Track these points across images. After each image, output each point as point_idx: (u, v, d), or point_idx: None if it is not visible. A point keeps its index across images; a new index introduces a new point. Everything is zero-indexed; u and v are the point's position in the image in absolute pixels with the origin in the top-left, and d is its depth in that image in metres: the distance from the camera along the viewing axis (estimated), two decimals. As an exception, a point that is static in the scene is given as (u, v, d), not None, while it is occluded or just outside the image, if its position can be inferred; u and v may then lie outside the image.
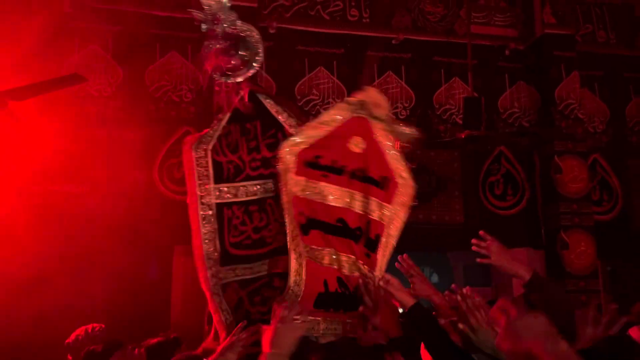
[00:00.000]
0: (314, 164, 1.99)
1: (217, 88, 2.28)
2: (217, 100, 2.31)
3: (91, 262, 3.69)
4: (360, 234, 1.99)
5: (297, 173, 1.98)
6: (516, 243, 4.60)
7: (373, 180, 2.02)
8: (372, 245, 1.98)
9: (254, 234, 2.15)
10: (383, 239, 1.99)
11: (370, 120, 2.05)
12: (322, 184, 1.99)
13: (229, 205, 2.16)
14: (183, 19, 4.26)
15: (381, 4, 4.70)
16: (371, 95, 2.05)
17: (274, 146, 2.07)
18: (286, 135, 2.10)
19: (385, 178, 2.01)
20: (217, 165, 2.17)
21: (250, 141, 2.17)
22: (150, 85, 4.19)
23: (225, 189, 2.17)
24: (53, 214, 3.57)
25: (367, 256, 1.97)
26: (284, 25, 4.48)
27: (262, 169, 2.15)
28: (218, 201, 2.15)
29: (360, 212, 2.01)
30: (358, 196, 2.02)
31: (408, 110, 4.63)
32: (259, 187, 2.15)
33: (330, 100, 4.53)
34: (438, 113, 4.70)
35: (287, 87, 4.46)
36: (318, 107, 4.46)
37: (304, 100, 4.49)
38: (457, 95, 4.71)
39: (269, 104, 2.27)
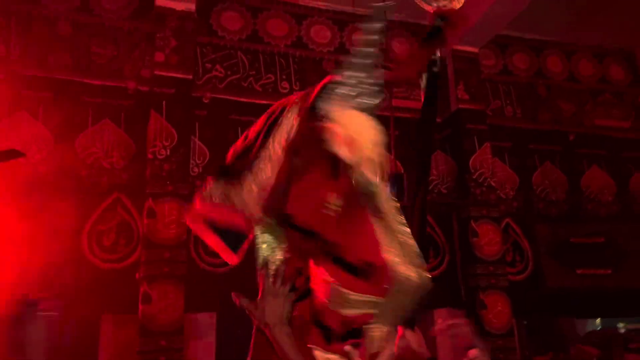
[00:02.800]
0: (290, 224, 1.56)
1: None
2: None
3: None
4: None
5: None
6: (438, 303, 4.84)
7: (352, 267, 1.46)
8: None
9: None
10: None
11: None
12: None
13: None
14: (116, 87, 4.36)
15: (310, 78, 4.98)
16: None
17: None
18: None
19: (369, 264, 1.45)
20: None
21: None
22: (82, 152, 4.18)
23: None
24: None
25: None
26: (217, 96, 4.64)
27: None
28: None
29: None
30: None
31: (336, 178, 4.85)
32: None
33: (262, 167, 4.68)
34: (364, 180, 4.96)
35: (221, 155, 4.56)
36: (250, 174, 4.59)
37: (236, 167, 4.60)
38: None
39: None
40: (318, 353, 1.37)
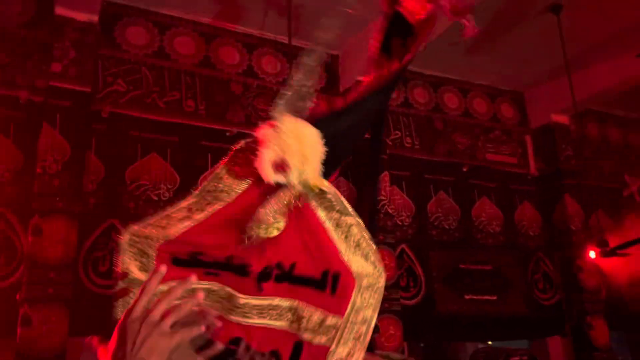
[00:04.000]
0: (190, 262, 1.24)
1: None
2: None
3: None
4: None
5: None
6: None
7: (306, 279, 1.25)
8: None
9: None
10: None
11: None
12: (214, 282, 1.23)
13: None
14: (7, 97, 4.12)
15: (216, 98, 4.97)
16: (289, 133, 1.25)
17: None
18: None
19: (329, 274, 1.24)
20: None
21: None
22: (-38, 163, 3.90)
23: None
24: None
25: None
26: (117, 111, 4.51)
27: None
28: None
29: (282, 330, 1.21)
30: (280, 302, 1.22)
31: (238, 200, 4.83)
32: None
33: (162, 186, 4.58)
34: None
35: (118, 171, 4.44)
36: (149, 192, 4.48)
37: (134, 184, 4.48)
38: (284, 187, 5.04)
39: None
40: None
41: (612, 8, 5.10)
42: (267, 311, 1.21)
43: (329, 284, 1.23)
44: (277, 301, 1.22)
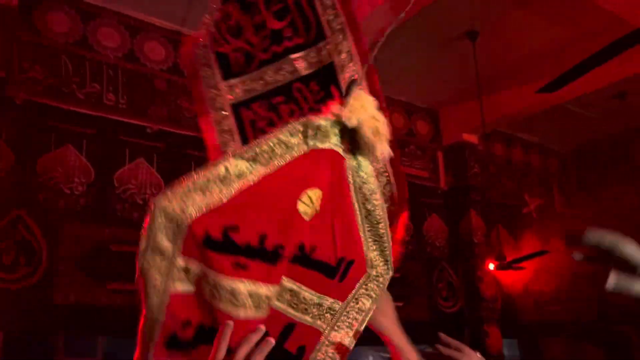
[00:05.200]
0: (222, 243, 1.10)
1: None
2: None
3: None
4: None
5: (185, 254, 1.09)
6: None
7: (323, 265, 1.20)
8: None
9: None
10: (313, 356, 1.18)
11: (344, 154, 1.25)
12: (235, 281, 1.08)
13: (247, 103, 1.57)
14: None
15: (139, 93, 4.89)
16: (359, 106, 1.25)
17: (284, 12, 1.53)
18: None
19: (344, 261, 1.22)
20: (221, 57, 1.63)
21: (254, 16, 1.60)
22: None
23: (239, 84, 1.60)
24: None
25: None
26: (33, 98, 4.33)
27: (275, 46, 1.56)
28: (233, 102, 1.59)
29: (282, 314, 1.16)
30: (290, 286, 1.17)
31: (155, 198, 4.77)
32: (278, 71, 1.56)
33: (76, 179, 4.45)
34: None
35: (28, 161, 4.26)
36: (61, 185, 4.34)
37: (46, 176, 4.32)
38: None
39: None
40: None
41: (521, 40, 5.54)
42: (281, 296, 1.17)
43: (340, 271, 1.22)
44: (284, 282, 1.16)
